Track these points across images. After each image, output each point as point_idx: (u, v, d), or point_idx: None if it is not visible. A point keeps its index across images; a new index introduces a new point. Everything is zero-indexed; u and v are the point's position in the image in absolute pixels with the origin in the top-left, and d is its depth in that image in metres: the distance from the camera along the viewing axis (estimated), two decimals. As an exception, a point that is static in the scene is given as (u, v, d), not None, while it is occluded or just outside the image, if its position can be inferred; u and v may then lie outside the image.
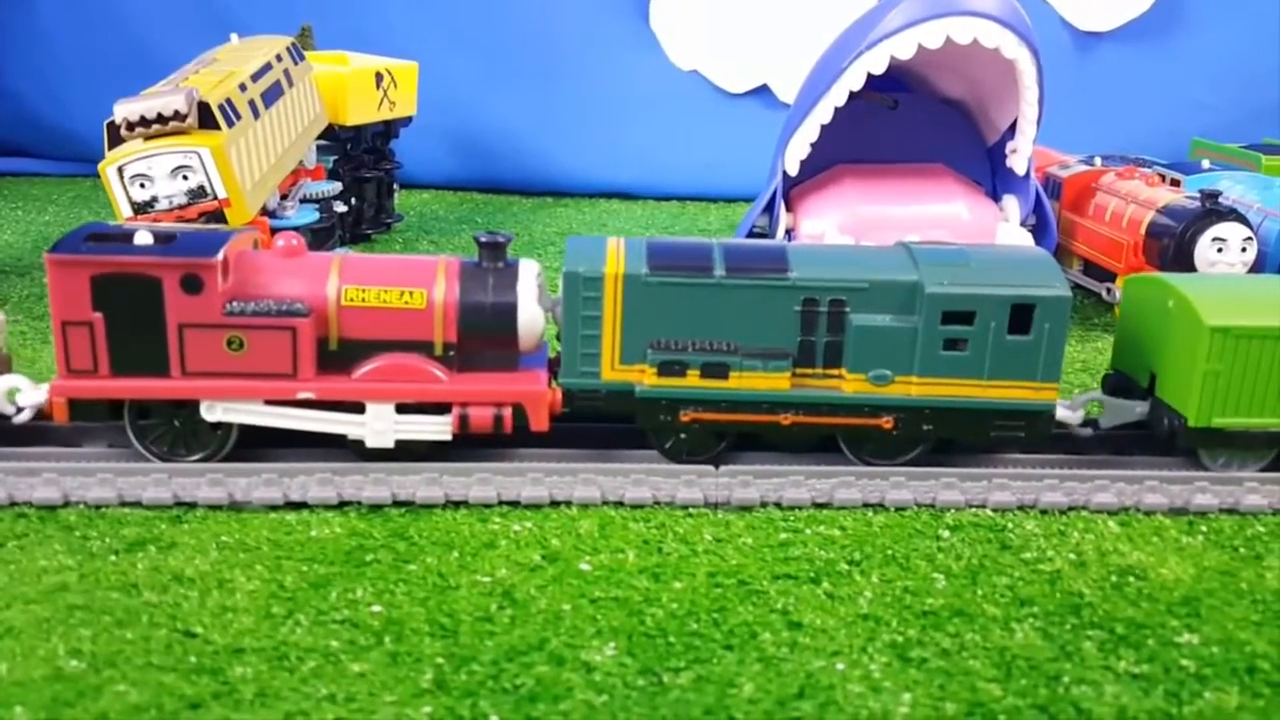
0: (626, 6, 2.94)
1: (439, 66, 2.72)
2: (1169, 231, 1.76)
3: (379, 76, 2.33)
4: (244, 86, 1.73)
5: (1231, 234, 1.72)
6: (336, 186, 2.15)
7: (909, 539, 1.12)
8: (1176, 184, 1.95)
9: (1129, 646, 0.95)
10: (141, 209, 1.56)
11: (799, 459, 1.23)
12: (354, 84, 2.26)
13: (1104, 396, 1.32)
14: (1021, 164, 1.72)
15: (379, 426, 1.18)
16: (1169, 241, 1.76)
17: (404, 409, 1.19)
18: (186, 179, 1.56)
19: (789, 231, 1.73)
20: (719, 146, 2.89)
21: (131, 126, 1.55)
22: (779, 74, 2.90)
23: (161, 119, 1.54)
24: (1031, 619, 0.99)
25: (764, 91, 2.95)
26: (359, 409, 1.18)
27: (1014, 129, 1.70)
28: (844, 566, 1.06)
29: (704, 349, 1.18)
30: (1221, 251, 1.72)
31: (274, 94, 1.84)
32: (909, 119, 1.83)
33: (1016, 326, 1.17)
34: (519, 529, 1.12)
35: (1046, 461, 1.28)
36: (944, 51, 1.58)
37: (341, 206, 2.18)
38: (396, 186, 2.56)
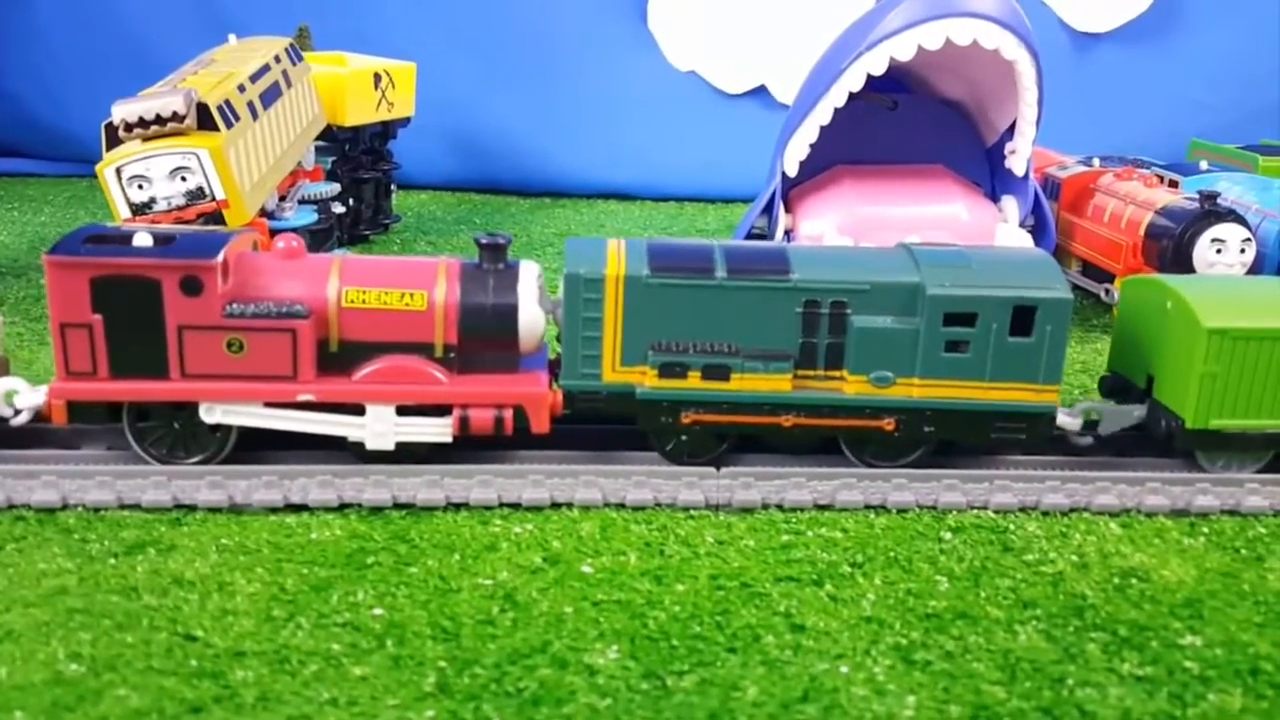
0: (625, 7, 2.93)
1: (437, 67, 2.71)
2: (1168, 232, 1.76)
3: (377, 77, 2.33)
4: (242, 87, 1.73)
5: (1230, 235, 1.72)
6: (335, 188, 2.14)
7: (911, 541, 1.12)
8: (1175, 185, 1.95)
9: (1132, 648, 0.95)
10: (140, 210, 1.56)
11: (800, 461, 1.23)
12: (352, 85, 2.26)
13: (1102, 405, 1.31)
14: (1020, 165, 1.72)
15: (379, 428, 1.18)
16: (1168, 242, 1.76)
17: (404, 411, 1.18)
18: (185, 180, 1.56)
19: (788, 232, 1.73)
20: (717, 147, 2.90)
21: (130, 127, 1.54)
22: (777, 75, 2.90)
23: (160, 120, 1.54)
24: (1035, 621, 0.98)
25: (762, 92, 2.95)
26: (359, 411, 1.18)
27: (1013, 130, 1.70)
28: (846, 569, 1.06)
29: (705, 351, 1.18)
30: (1220, 253, 1.72)
31: (272, 95, 1.84)
32: (908, 120, 1.83)
33: (1018, 328, 1.17)
34: (520, 531, 1.11)
35: (1048, 463, 1.28)
36: (943, 53, 1.58)
37: (339, 207, 2.18)
38: (394, 187, 2.56)
